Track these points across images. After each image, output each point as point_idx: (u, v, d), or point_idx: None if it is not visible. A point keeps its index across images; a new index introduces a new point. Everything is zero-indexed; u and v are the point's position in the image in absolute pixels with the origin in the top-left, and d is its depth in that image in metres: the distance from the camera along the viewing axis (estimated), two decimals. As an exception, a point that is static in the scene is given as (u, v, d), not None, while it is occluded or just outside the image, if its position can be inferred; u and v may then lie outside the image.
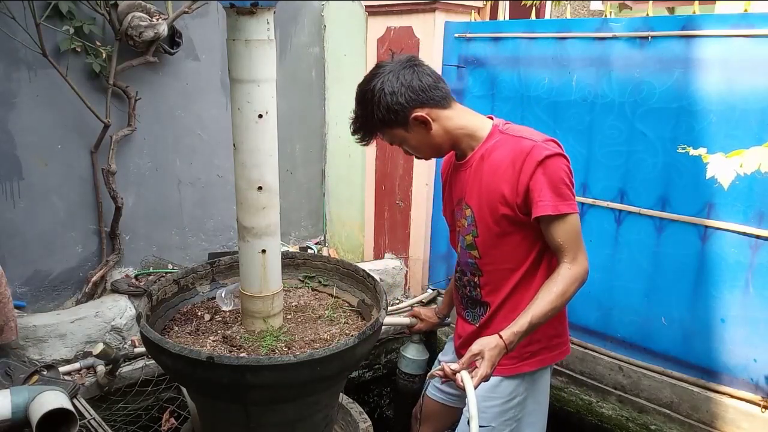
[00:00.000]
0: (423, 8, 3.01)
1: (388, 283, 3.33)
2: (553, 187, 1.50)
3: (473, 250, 1.69)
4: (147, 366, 2.53)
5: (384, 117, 1.57)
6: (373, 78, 1.58)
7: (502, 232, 1.61)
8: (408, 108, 1.56)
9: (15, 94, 2.51)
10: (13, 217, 2.59)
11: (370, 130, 1.64)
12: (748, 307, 2.22)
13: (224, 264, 2.07)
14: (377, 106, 1.57)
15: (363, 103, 1.61)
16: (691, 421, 2.40)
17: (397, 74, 1.55)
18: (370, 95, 1.57)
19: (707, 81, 2.20)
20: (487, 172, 1.59)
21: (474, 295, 1.76)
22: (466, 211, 1.67)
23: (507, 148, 1.56)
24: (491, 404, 1.74)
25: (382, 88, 1.55)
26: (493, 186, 1.58)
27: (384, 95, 1.55)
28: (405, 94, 1.55)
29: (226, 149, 3.12)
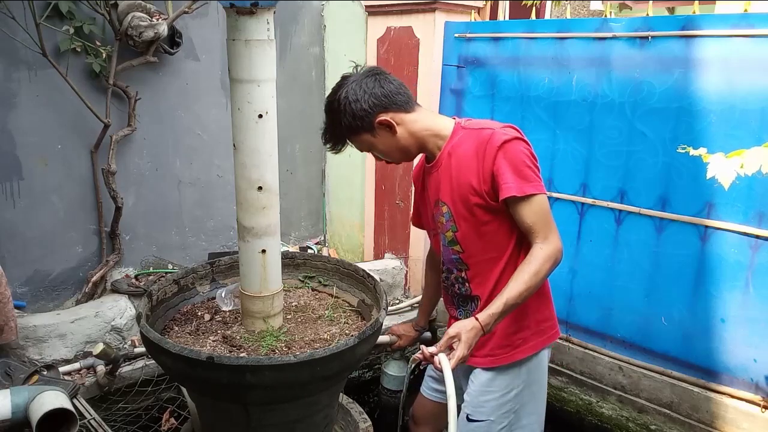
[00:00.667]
0: (423, 8, 3.01)
1: (388, 283, 3.33)
2: (515, 169, 1.55)
3: (455, 246, 1.73)
4: (147, 366, 2.53)
5: (350, 124, 1.65)
6: (338, 89, 1.66)
7: (479, 222, 1.66)
8: (372, 113, 1.64)
9: (15, 94, 2.51)
10: (13, 217, 2.59)
11: (339, 138, 1.72)
12: (748, 307, 2.22)
13: (224, 264, 2.07)
14: (343, 114, 1.64)
15: (330, 112, 1.69)
16: (691, 421, 2.40)
17: (360, 83, 1.64)
18: (336, 105, 1.65)
19: (707, 81, 2.20)
20: (455, 167, 1.65)
21: (463, 291, 1.78)
22: (443, 208, 1.71)
23: (470, 141, 1.63)
24: (488, 398, 1.76)
25: (346, 96, 1.63)
26: (462, 179, 1.64)
27: (348, 103, 1.63)
28: (368, 101, 1.63)
29: (226, 149, 3.12)
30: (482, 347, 1.75)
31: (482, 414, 1.76)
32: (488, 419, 1.76)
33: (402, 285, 3.43)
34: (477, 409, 1.77)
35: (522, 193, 1.54)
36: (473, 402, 1.79)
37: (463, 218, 1.67)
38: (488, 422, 1.76)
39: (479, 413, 1.76)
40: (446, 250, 1.77)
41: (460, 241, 1.71)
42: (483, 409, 1.76)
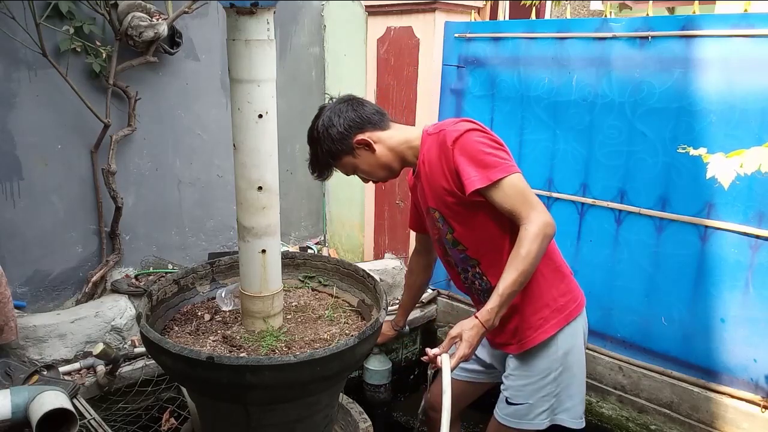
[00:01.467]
0: (423, 8, 3.01)
1: (388, 283, 3.33)
2: (473, 160, 1.57)
3: (458, 246, 1.75)
4: (147, 366, 2.53)
5: (330, 149, 1.74)
6: (316, 119, 1.77)
7: (467, 218, 1.68)
8: (349, 135, 1.72)
9: (15, 94, 2.51)
10: (13, 217, 2.59)
11: (324, 165, 1.79)
12: (748, 307, 2.22)
13: (224, 264, 2.07)
14: (323, 141, 1.74)
15: (312, 143, 1.79)
16: (691, 421, 2.40)
17: (334, 110, 1.74)
18: (316, 134, 1.76)
19: (707, 81, 2.20)
20: (428, 174, 1.70)
21: (484, 285, 1.78)
22: (435, 214, 1.75)
23: (434, 146, 1.67)
24: (526, 382, 1.78)
25: (323, 124, 1.74)
26: (435, 184, 1.68)
27: (326, 129, 1.73)
28: (343, 124, 1.72)
29: (226, 149, 3.12)
30: (508, 334, 1.79)
31: (521, 398, 1.79)
32: (527, 402, 1.78)
33: (402, 285, 3.43)
34: (516, 393, 1.80)
35: (488, 181, 1.55)
36: (512, 386, 1.81)
37: (452, 218, 1.71)
38: (527, 405, 1.78)
39: (518, 397, 1.79)
40: (454, 252, 1.78)
41: (461, 239, 1.73)
42: (522, 393, 1.79)
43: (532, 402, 1.78)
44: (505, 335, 1.79)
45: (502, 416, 1.83)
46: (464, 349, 1.53)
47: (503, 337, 1.80)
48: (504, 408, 1.82)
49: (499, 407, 1.85)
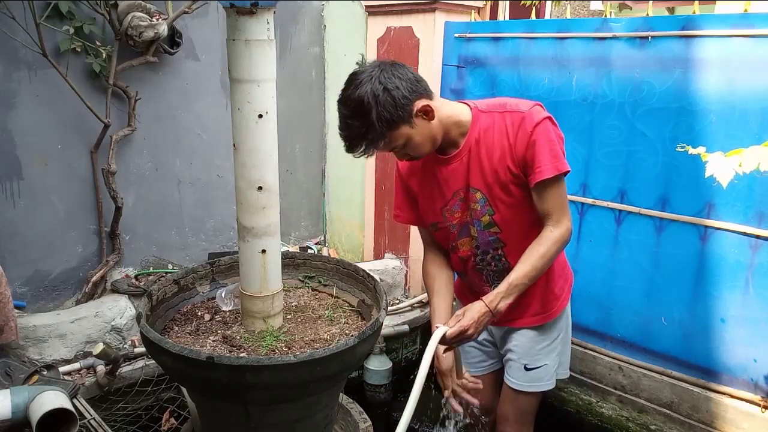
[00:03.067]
0: (423, 8, 3.01)
1: (388, 283, 3.33)
2: (549, 149, 1.56)
3: (492, 227, 1.73)
4: (147, 366, 2.53)
5: (391, 116, 1.51)
6: (360, 85, 1.50)
7: (517, 201, 1.66)
8: (411, 100, 1.53)
9: (15, 94, 2.51)
10: (13, 217, 2.59)
11: (376, 137, 1.53)
12: (748, 307, 2.22)
13: (224, 264, 2.07)
14: (382, 108, 1.49)
15: (360, 112, 1.51)
16: (691, 421, 2.40)
17: (388, 71, 1.52)
18: (369, 99, 1.49)
19: (707, 81, 2.20)
20: (486, 153, 1.63)
21: (501, 266, 1.79)
22: (476, 194, 1.69)
23: (498, 125, 1.61)
24: (542, 346, 1.89)
25: (381, 87, 1.49)
26: (496, 164, 1.62)
27: (387, 92, 1.49)
28: (407, 87, 1.52)
29: (226, 149, 3.12)
30: (536, 306, 1.84)
31: (539, 361, 1.88)
32: (544, 364, 1.90)
33: (402, 285, 3.43)
34: (534, 359, 1.89)
35: (556, 171, 1.56)
36: (528, 353, 1.89)
37: (501, 201, 1.67)
38: (545, 366, 1.90)
39: (536, 361, 1.88)
40: (482, 234, 1.75)
41: (499, 222, 1.71)
42: (539, 356, 1.88)
43: (548, 362, 1.90)
44: (533, 308, 1.85)
45: (522, 384, 1.91)
46: (466, 322, 1.57)
47: (532, 310, 1.85)
48: (523, 376, 1.90)
49: (515, 377, 1.92)
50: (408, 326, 3.17)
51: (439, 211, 1.79)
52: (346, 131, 1.55)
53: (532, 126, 1.56)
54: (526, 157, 1.58)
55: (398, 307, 3.27)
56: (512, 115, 1.60)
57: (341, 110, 1.55)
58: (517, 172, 1.61)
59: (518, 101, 1.65)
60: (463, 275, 1.94)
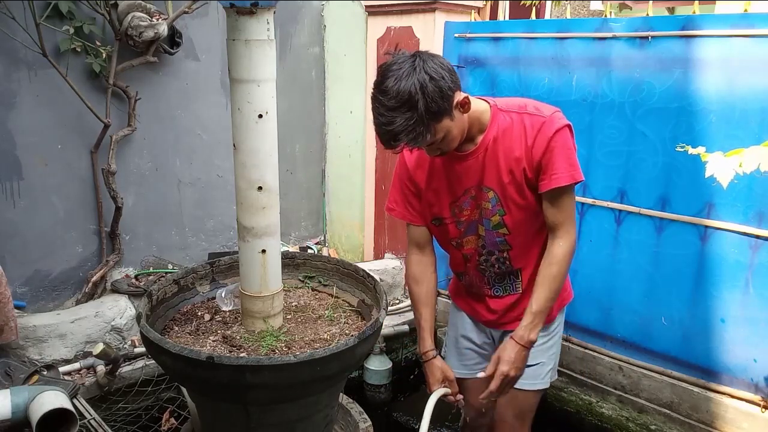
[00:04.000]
0: (423, 8, 3.01)
1: (388, 283, 3.33)
2: (566, 157, 1.55)
3: (501, 228, 1.70)
4: (147, 366, 2.54)
5: (438, 108, 1.44)
6: (404, 75, 1.42)
7: (527, 204, 1.65)
8: (453, 92, 1.47)
9: (15, 94, 2.51)
10: (13, 217, 2.59)
11: (424, 130, 1.46)
12: (748, 307, 2.22)
13: (224, 264, 2.07)
14: (431, 99, 1.42)
15: (407, 103, 1.41)
16: (691, 421, 2.40)
17: (429, 61, 1.45)
18: (416, 90, 1.41)
19: (707, 81, 2.20)
20: (503, 153, 1.60)
21: (504, 268, 1.78)
22: (488, 194, 1.66)
23: (516, 126, 1.59)
24: (540, 343, 1.81)
25: (428, 77, 1.42)
26: (512, 164, 1.60)
27: (435, 83, 1.42)
28: (449, 78, 1.46)
29: (226, 149, 3.12)
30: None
31: (536, 357, 1.82)
32: (540, 361, 1.85)
33: (402, 285, 3.43)
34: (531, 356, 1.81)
35: (572, 180, 1.56)
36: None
37: (513, 202, 1.65)
38: (541, 364, 1.86)
39: (534, 357, 1.81)
40: (490, 234, 1.72)
41: (508, 224, 1.69)
42: (536, 352, 1.81)
43: (545, 360, 1.86)
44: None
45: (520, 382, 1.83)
46: (505, 368, 1.62)
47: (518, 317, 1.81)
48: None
49: None
50: (408, 326, 3.17)
51: (447, 207, 1.75)
52: (389, 125, 1.44)
53: (552, 132, 1.54)
54: (542, 162, 1.56)
55: (398, 307, 3.27)
56: (532, 117, 1.58)
57: (382, 103, 1.44)
58: (531, 176, 1.60)
59: (538, 104, 1.63)
60: (461, 275, 1.92)
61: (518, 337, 1.63)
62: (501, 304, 1.84)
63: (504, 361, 1.63)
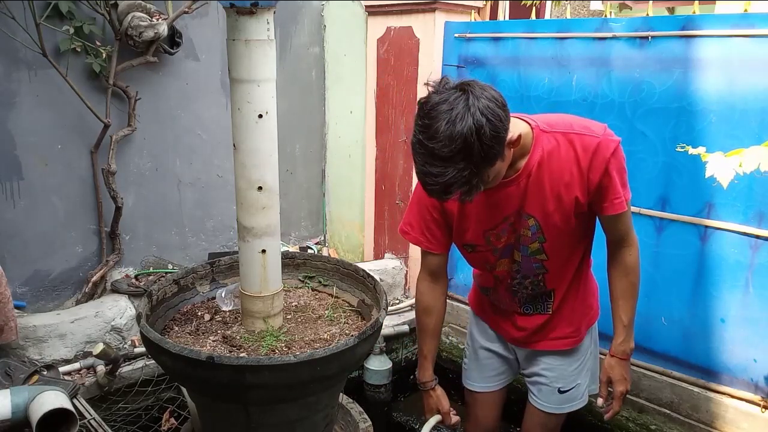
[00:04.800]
0: (423, 8, 3.01)
1: (388, 283, 3.33)
2: (621, 179, 1.50)
3: (540, 255, 1.63)
4: (147, 366, 2.54)
5: (495, 153, 1.28)
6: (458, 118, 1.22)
7: (570, 229, 1.59)
8: (507, 130, 1.30)
9: (15, 94, 2.51)
10: (13, 217, 2.59)
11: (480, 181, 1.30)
12: (748, 307, 2.22)
13: (224, 264, 2.07)
14: (488, 144, 1.24)
15: (463, 151, 1.23)
16: (691, 421, 2.40)
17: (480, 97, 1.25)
18: (473, 134, 1.22)
19: (707, 81, 2.20)
20: (549, 178, 1.49)
21: (537, 290, 1.72)
22: (528, 221, 1.56)
23: (566, 149, 1.46)
24: (575, 366, 1.84)
25: (484, 119, 1.23)
26: (562, 191, 1.50)
27: (491, 126, 1.23)
28: (504, 116, 1.28)
29: (226, 149, 3.12)
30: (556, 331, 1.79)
31: (573, 382, 1.83)
32: (577, 383, 1.85)
33: (402, 285, 3.43)
34: (567, 381, 1.84)
35: (627, 205, 1.54)
36: (562, 376, 1.83)
37: (556, 229, 1.56)
38: (577, 386, 1.85)
39: (570, 383, 1.83)
40: (526, 260, 1.64)
41: (547, 250, 1.61)
42: (572, 377, 1.83)
43: (580, 381, 1.85)
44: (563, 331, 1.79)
45: (555, 407, 1.85)
46: (621, 387, 1.70)
47: (562, 332, 1.79)
48: (557, 399, 1.84)
49: (548, 400, 1.85)
50: (408, 326, 3.17)
51: (481, 234, 1.62)
52: (440, 177, 1.26)
53: (609, 153, 1.43)
54: (600, 185, 1.46)
55: (398, 307, 3.27)
56: (583, 138, 1.45)
57: (432, 151, 1.24)
58: (584, 201, 1.50)
59: (585, 122, 1.50)
60: (488, 291, 1.83)
61: (620, 353, 1.69)
62: (530, 323, 1.79)
63: (617, 382, 1.69)
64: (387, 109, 3.32)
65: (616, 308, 1.72)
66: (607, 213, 1.54)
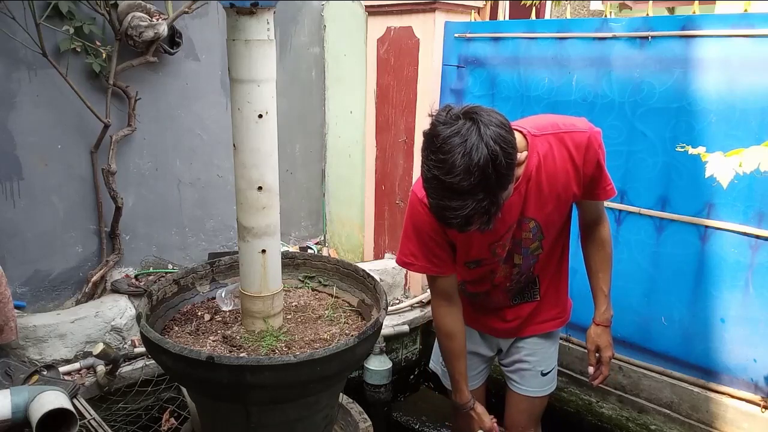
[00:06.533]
0: (423, 8, 3.01)
1: (388, 283, 3.33)
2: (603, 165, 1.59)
3: (538, 251, 1.69)
4: (147, 366, 2.53)
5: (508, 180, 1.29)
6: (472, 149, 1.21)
7: (564, 219, 1.68)
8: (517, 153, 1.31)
9: (15, 94, 2.51)
10: (13, 217, 2.59)
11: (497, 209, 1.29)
12: (748, 307, 2.22)
13: (224, 264, 2.07)
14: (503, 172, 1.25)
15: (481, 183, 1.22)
16: (691, 421, 2.40)
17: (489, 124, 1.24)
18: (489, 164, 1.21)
19: (707, 81, 2.20)
20: (547, 180, 1.52)
21: (528, 279, 1.78)
22: (529, 224, 1.60)
23: (559, 149, 1.51)
24: (555, 347, 1.94)
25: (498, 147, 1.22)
26: (560, 190, 1.55)
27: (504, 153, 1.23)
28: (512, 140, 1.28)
29: (226, 149, 3.12)
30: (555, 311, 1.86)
31: (552, 363, 1.92)
32: (553, 367, 1.93)
33: (402, 285, 3.43)
34: (548, 361, 1.92)
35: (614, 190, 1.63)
36: (543, 359, 1.90)
37: (554, 226, 1.65)
38: (554, 369, 1.94)
39: (550, 364, 1.91)
40: (526, 259, 1.69)
41: (545, 246, 1.68)
42: (552, 358, 1.92)
43: (555, 364, 1.94)
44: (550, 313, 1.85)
45: (540, 389, 1.91)
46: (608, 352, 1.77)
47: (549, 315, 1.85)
48: (539, 382, 1.90)
49: (532, 384, 1.91)
50: (408, 326, 3.17)
51: (486, 248, 1.62)
52: (461, 210, 1.24)
53: (598, 145, 1.54)
54: (594, 176, 1.56)
55: (398, 307, 3.27)
56: (573, 136, 1.51)
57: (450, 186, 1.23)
58: (579, 193, 1.59)
59: (567, 119, 1.56)
60: (477, 295, 1.82)
61: (604, 321, 1.75)
62: (521, 312, 1.82)
63: (605, 348, 1.76)
64: (387, 109, 3.32)
65: (596, 280, 1.77)
66: (600, 199, 1.63)
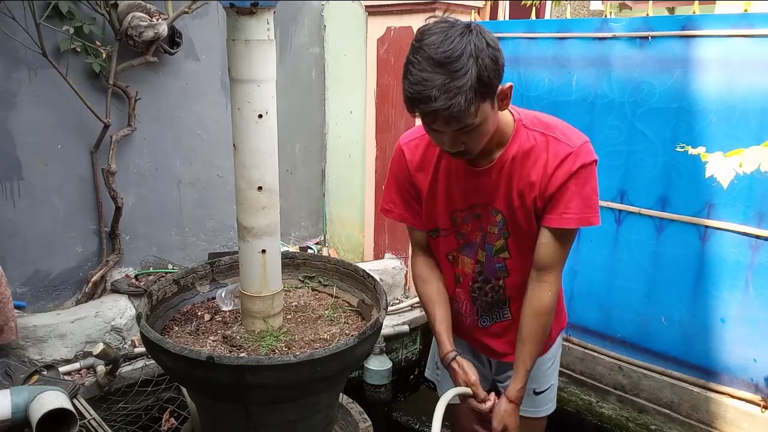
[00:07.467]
0: (423, 8, 3.01)
1: (388, 283, 3.33)
2: (583, 198, 1.41)
3: (503, 252, 1.58)
4: (147, 366, 2.53)
5: (489, 80, 1.21)
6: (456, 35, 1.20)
7: (532, 232, 1.52)
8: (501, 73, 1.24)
9: (15, 94, 2.51)
10: (13, 217, 2.59)
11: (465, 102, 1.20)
12: (748, 307, 2.22)
13: (224, 264, 2.07)
14: (483, 67, 1.19)
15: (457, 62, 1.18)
16: (691, 421, 2.40)
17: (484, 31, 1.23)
18: (471, 50, 1.18)
19: (707, 81, 2.20)
20: (518, 175, 1.45)
21: (497, 297, 1.66)
22: (496, 217, 1.53)
23: (540, 150, 1.42)
24: (548, 366, 1.80)
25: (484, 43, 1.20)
26: (525, 189, 1.45)
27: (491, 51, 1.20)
28: (500, 57, 1.22)
29: (226, 149, 3.12)
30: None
31: (546, 382, 1.80)
32: (551, 384, 1.82)
33: (402, 285, 3.43)
34: (542, 381, 1.79)
35: (583, 224, 1.42)
36: (535, 376, 1.70)
37: (518, 226, 1.51)
38: (551, 386, 1.82)
39: (544, 383, 1.79)
40: (490, 260, 1.60)
41: (511, 248, 1.56)
42: (545, 378, 1.80)
43: (554, 382, 1.82)
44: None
45: (532, 410, 1.78)
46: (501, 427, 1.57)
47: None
48: (532, 401, 1.77)
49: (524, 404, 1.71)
50: (408, 326, 3.17)
51: (447, 216, 1.59)
52: (426, 82, 1.19)
53: (576, 166, 1.38)
54: (555, 195, 1.40)
55: (398, 307, 3.27)
56: (558, 144, 1.40)
57: (425, 55, 1.20)
58: (540, 206, 1.45)
59: (567, 128, 1.45)
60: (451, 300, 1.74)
61: (517, 398, 1.56)
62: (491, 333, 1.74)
63: (513, 429, 1.58)
64: (387, 109, 3.32)
65: (521, 350, 1.55)
66: (548, 224, 1.44)
